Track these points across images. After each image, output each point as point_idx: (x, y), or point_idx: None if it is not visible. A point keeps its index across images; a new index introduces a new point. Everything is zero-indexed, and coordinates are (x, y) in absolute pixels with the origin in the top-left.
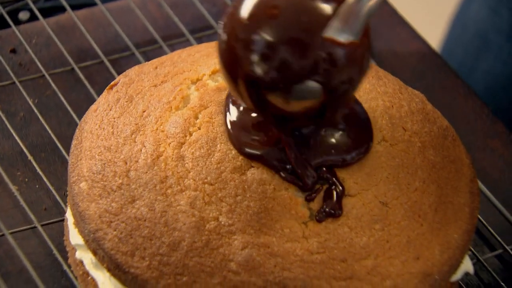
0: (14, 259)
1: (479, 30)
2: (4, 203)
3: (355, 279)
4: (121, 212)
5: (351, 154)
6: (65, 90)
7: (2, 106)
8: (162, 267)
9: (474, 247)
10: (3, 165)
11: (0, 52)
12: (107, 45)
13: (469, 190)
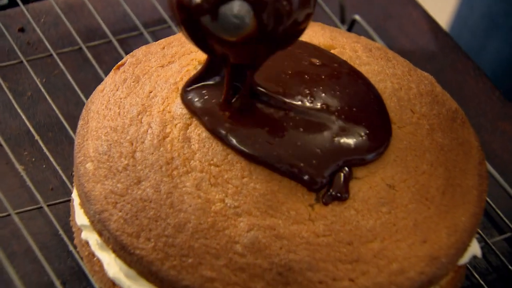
0: (20, 239)
1: (486, 13)
2: (10, 182)
3: (361, 262)
4: (126, 193)
5: (371, 154)
6: (73, 69)
7: (10, 85)
8: (168, 249)
9: (482, 230)
10: (10, 144)
11: (8, 31)
12: (115, 24)
13: (478, 172)
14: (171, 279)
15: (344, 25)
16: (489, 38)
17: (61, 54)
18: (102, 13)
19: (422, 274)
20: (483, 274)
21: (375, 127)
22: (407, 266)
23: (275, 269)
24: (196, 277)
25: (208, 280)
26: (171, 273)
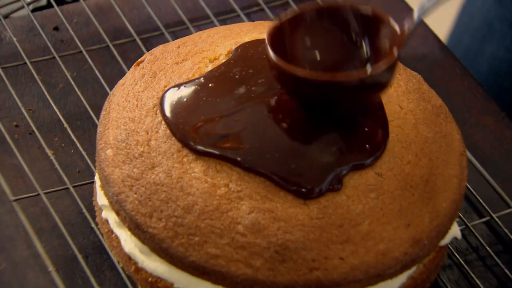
0: (48, 217)
1: (485, 19)
2: (41, 165)
3: (350, 242)
4: (141, 177)
5: (370, 159)
6: (101, 65)
7: (44, 78)
8: (177, 228)
9: (464, 214)
10: (43, 131)
11: (44, 30)
12: (140, 25)
13: (459, 163)
14: (179, 256)
15: None
16: (486, 42)
17: (90, 51)
18: (128, 15)
19: (406, 254)
20: (463, 253)
21: (374, 130)
22: (392, 247)
23: (272, 248)
24: (202, 254)
25: (212, 257)
26: (180, 250)
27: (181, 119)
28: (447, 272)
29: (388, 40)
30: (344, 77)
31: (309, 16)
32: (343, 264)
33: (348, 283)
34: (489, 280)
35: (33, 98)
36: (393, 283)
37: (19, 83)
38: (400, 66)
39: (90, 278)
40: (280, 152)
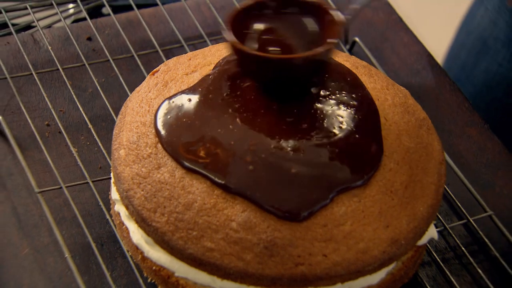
0: (69, 208)
1: (480, 37)
2: (67, 161)
3: (333, 241)
4: (148, 176)
5: (362, 180)
6: (126, 73)
7: (75, 83)
8: (177, 223)
9: (445, 216)
10: (71, 131)
11: (78, 39)
12: (164, 37)
13: (437, 171)
14: (179, 248)
15: (347, 45)
16: (480, 57)
17: (117, 60)
18: (154, 28)
19: (384, 253)
20: (442, 252)
21: (368, 151)
22: (371, 246)
23: (262, 244)
24: (199, 247)
25: (208, 250)
26: (179, 242)
27: (171, 136)
28: (426, 268)
29: (329, 27)
30: (289, 56)
31: (266, 4)
32: (326, 260)
33: (330, 278)
34: (463, 277)
35: (64, 100)
36: (373, 278)
37: (53, 87)
38: (389, 82)
39: (102, 265)
40: (269, 175)
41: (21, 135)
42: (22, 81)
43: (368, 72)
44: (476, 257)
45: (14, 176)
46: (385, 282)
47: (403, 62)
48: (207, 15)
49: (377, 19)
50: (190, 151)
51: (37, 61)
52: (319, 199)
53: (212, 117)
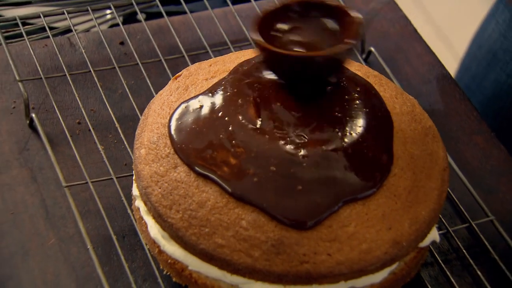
0: (95, 201)
1: (490, 49)
2: (95, 158)
3: (337, 241)
4: (166, 175)
5: (372, 190)
6: (154, 76)
7: (106, 84)
8: (191, 220)
9: (449, 219)
10: (100, 129)
11: (111, 43)
12: (192, 44)
13: (441, 177)
14: (192, 243)
15: (363, 54)
16: (490, 68)
17: (146, 64)
18: (183, 35)
19: (386, 253)
20: (444, 254)
21: (378, 161)
22: (374, 247)
23: (270, 242)
24: (211, 243)
25: (219, 246)
26: (192, 238)
27: (182, 142)
28: (429, 269)
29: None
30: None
31: (290, 8)
32: (330, 259)
33: (334, 276)
34: (464, 278)
35: (95, 101)
36: (375, 277)
37: (85, 88)
38: (398, 91)
39: (121, 256)
40: (276, 183)
41: (54, 132)
42: (57, 82)
43: (379, 81)
44: (477, 259)
45: (44, 170)
46: (388, 281)
47: (415, 72)
48: (233, 23)
49: (393, 31)
50: (200, 157)
51: (72, 63)
52: (326, 208)
53: (221, 123)
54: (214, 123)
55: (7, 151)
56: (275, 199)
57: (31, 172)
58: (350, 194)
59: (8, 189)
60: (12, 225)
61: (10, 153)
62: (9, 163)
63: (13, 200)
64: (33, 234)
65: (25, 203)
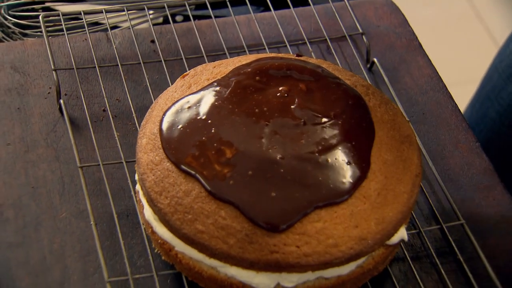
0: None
1: (510, 64)
2: (112, 143)
3: (306, 235)
4: (160, 164)
5: (346, 196)
6: (176, 73)
7: (132, 78)
8: (177, 206)
9: (425, 219)
10: (122, 117)
11: (144, 41)
12: (215, 45)
13: (412, 182)
14: (176, 227)
15: (367, 64)
16: (509, 81)
17: (169, 61)
18: (208, 38)
19: (351, 249)
20: (416, 251)
21: (354, 170)
22: (340, 242)
23: (244, 231)
24: (192, 228)
25: (199, 231)
26: (177, 223)
27: (171, 140)
28: (399, 264)
29: None
30: None
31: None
32: (298, 251)
33: (301, 266)
34: (431, 275)
35: (121, 92)
36: (342, 270)
37: (114, 79)
38: (383, 100)
39: (119, 233)
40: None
41: (80, 117)
42: (89, 73)
43: (366, 90)
44: (444, 259)
45: (67, 151)
46: (354, 273)
47: (414, 82)
48: (253, 30)
49: (399, 44)
50: (184, 157)
51: (106, 57)
52: (299, 212)
53: (205, 124)
54: (198, 124)
55: (37, 131)
56: (250, 202)
57: (55, 152)
58: (323, 200)
59: (32, 165)
60: (30, 197)
61: (39, 134)
62: (37, 142)
63: (35, 176)
64: (48, 208)
65: (45, 179)
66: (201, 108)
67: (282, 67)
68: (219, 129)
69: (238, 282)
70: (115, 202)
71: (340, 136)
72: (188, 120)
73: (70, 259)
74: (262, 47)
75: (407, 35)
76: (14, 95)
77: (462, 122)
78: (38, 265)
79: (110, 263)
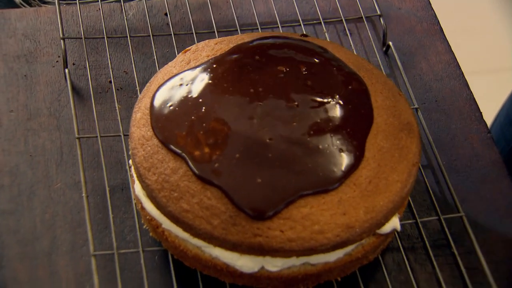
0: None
1: None
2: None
3: (291, 220)
4: (150, 139)
5: (337, 184)
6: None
7: (142, 50)
8: (164, 183)
9: (426, 210)
10: (127, 90)
11: (157, 14)
12: (229, 21)
13: (407, 171)
14: (162, 204)
15: (383, 47)
16: None
17: (179, 35)
18: (223, 13)
19: (337, 236)
20: (412, 241)
21: (346, 159)
22: (326, 229)
23: (228, 213)
24: (177, 207)
25: (184, 210)
26: (163, 200)
27: (159, 119)
28: (394, 254)
29: None
30: None
31: None
32: (282, 236)
33: (285, 251)
34: (425, 267)
35: (130, 64)
36: (329, 256)
37: (124, 51)
38: (385, 86)
39: (109, 206)
40: (241, 169)
41: (86, 88)
42: (100, 43)
43: (369, 75)
44: (441, 252)
45: (69, 121)
46: (342, 261)
47: (430, 68)
48: (270, 7)
49: (419, 28)
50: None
51: (117, 28)
52: (286, 199)
53: (195, 104)
54: (189, 103)
55: (41, 100)
56: (235, 187)
57: (57, 121)
58: (311, 188)
59: (33, 133)
60: (27, 166)
61: (43, 102)
62: (40, 111)
63: (34, 144)
64: (44, 177)
65: (44, 148)
66: (194, 85)
67: (283, 47)
68: (210, 109)
69: (222, 263)
70: (112, 175)
71: (334, 121)
72: (179, 98)
73: (60, 230)
74: (275, 25)
75: (429, 19)
76: (22, 62)
77: (475, 112)
78: (28, 234)
79: (100, 236)
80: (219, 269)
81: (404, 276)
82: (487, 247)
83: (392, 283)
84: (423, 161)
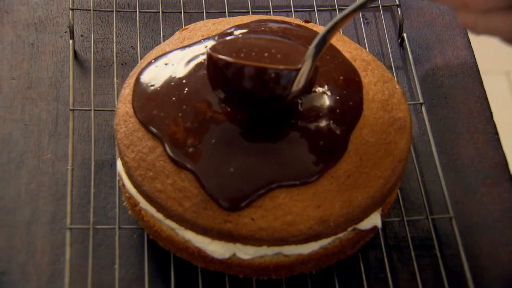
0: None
1: None
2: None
3: (263, 209)
4: (133, 116)
5: (315, 177)
6: None
7: (152, 26)
8: (141, 162)
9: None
10: (132, 65)
11: None
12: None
13: (392, 167)
14: (137, 183)
15: (399, 39)
16: None
17: (189, 13)
18: None
19: (310, 229)
20: (398, 240)
21: (326, 152)
22: (298, 220)
23: (200, 196)
24: (151, 186)
25: (157, 190)
26: (138, 179)
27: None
28: (377, 251)
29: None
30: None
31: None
32: (252, 224)
33: (255, 240)
34: (407, 267)
35: (138, 39)
36: (303, 248)
37: (134, 26)
38: (381, 79)
39: (92, 180)
40: (216, 155)
41: (90, 60)
42: (109, 16)
43: (365, 66)
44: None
45: (68, 92)
46: (317, 254)
47: (445, 63)
48: None
49: (440, 21)
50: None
51: (131, 2)
52: (258, 190)
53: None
54: (171, 83)
55: (44, 69)
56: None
57: (56, 92)
58: (285, 181)
59: (30, 102)
60: (20, 134)
61: (45, 72)
62: (41, 80)
63: (30, 113)
64: (35, 147)
65: (40, 117)
66: (179, 66)
67: (278, 32)
68: (192, 90)
69: (194, 246)
70: (103, 150)
71: (319, 112)
72: (163, 78)
73: (43, 201)
74: (289, 9)
75: (451, 12)
76: (31, 30)
77: (485, 111)
78: (11, 202)
79: (82, 210)
80: (191, 252)
81: (384, 274)
82: (476, 251)
83: (370, 280)
84: (421, 159)
